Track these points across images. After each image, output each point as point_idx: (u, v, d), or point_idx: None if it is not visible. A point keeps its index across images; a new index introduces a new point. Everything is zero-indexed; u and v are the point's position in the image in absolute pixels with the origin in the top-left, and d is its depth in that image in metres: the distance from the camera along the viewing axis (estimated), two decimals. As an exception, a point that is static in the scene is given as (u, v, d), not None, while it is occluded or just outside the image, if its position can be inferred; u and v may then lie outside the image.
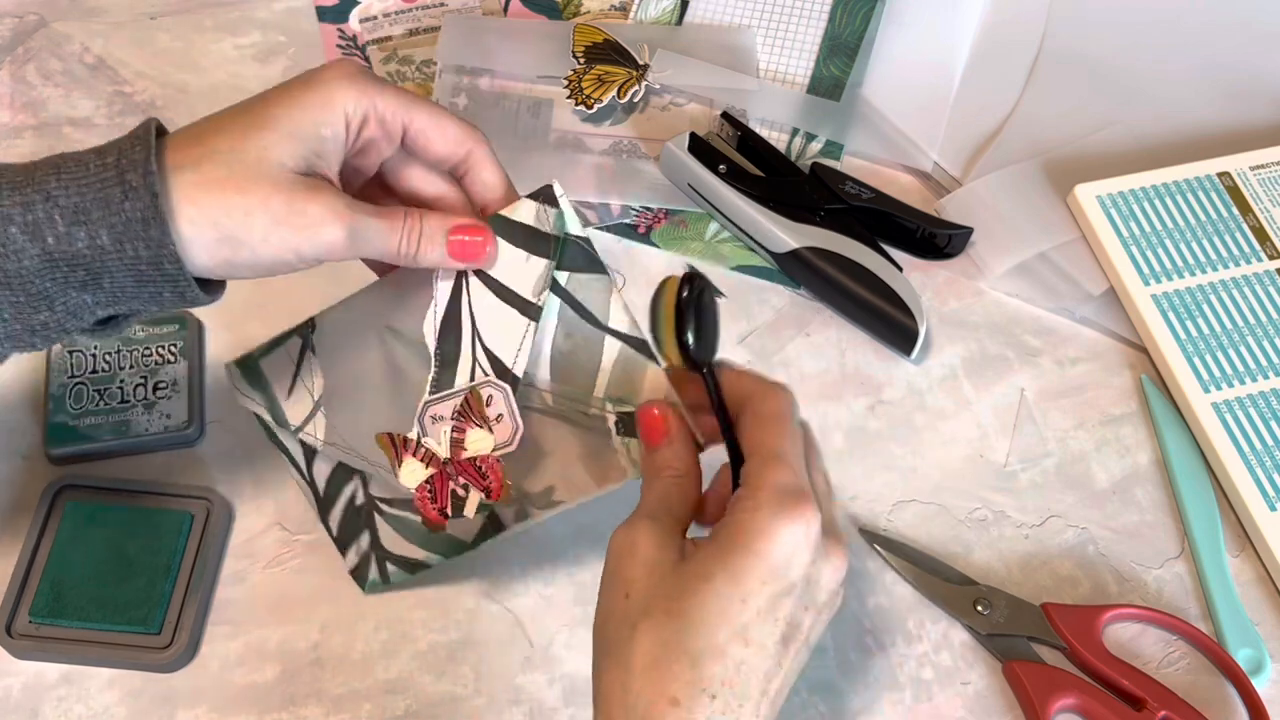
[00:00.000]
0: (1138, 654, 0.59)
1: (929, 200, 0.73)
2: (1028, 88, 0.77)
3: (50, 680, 0.56)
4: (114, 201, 0.43)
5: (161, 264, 0.44)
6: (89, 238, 0.43)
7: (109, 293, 0.45)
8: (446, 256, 0.50)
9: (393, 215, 0.48)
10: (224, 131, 0.45)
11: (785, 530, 0.41)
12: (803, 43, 0.78)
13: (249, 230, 0.44)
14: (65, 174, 0.43)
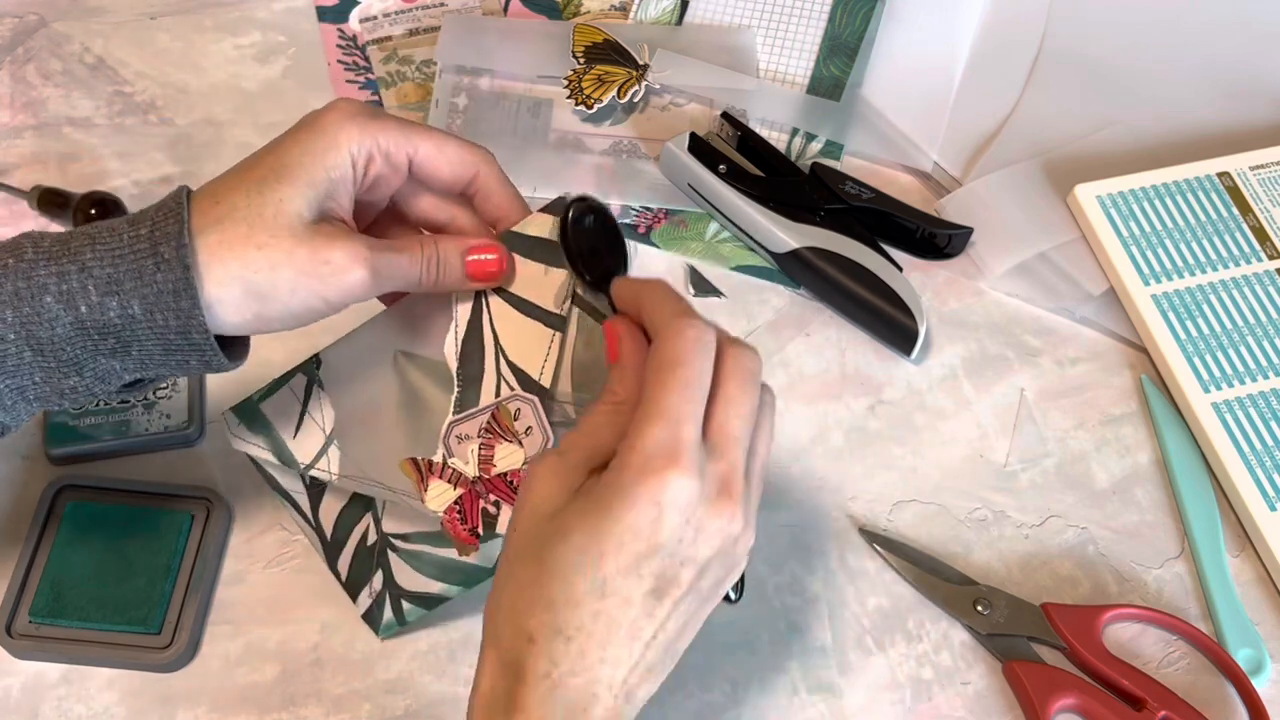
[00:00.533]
0: (1138, 654, 0.59)
1: (929, 200, 0.73)
2: (1028, 88, 0.77)
3: (50, 680, 0.56)
4: (147, 273, 0.44)
5: (190, 334, 0.45)
6: (121, 308, 0.44)
7: (137, 360, 0.46)
8: (465, 278, 0.51)
9: (410, 247, 0.49)
10: (240, 188, 0.46)
11: (645, 495, 0.40)
12: (803, 43, 0.78)
13: (275, 284, 0.45)
14: (100, 244, 0.44)
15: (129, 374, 0.46)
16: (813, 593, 0.60)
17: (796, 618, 0.59)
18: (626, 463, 0.41)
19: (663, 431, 0.41)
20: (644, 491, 0.40)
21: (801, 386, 0.66)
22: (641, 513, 0.40)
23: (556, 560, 0.41)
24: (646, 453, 0.41)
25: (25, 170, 0.71)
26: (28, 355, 0.44)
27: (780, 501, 0.62)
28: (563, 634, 0.41)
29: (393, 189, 0.51)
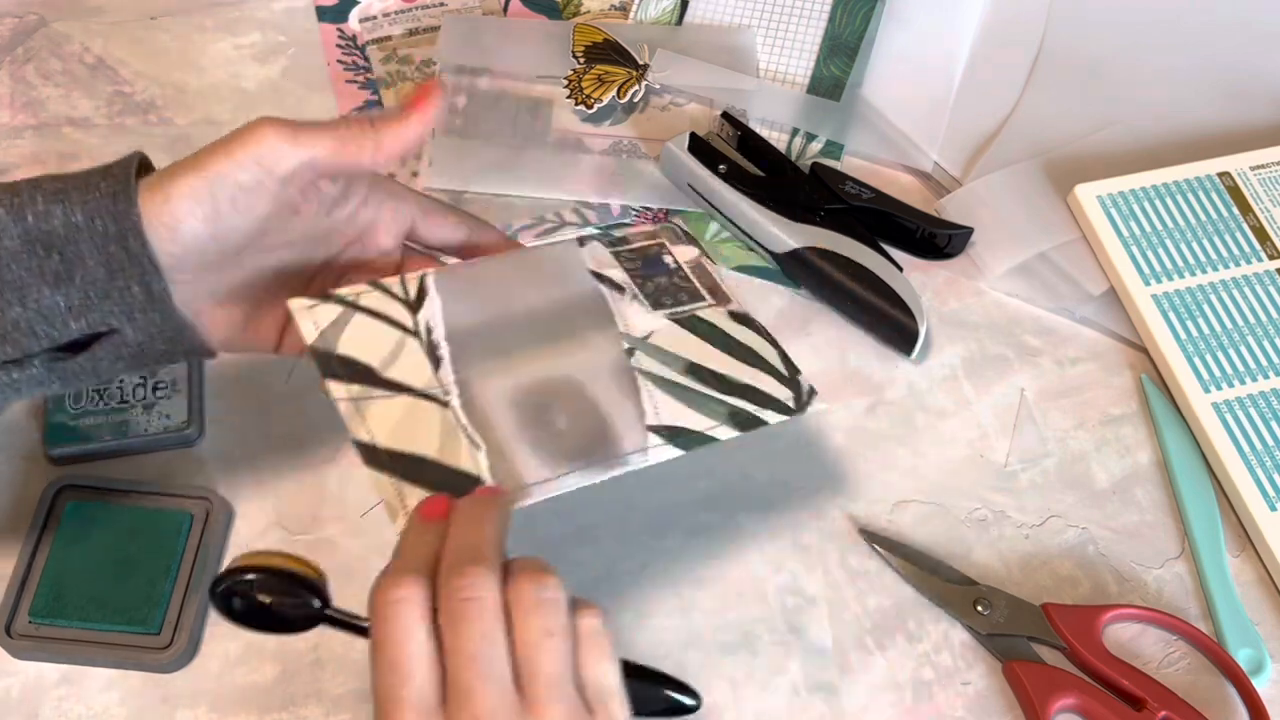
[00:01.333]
0: (1138, 654, 0.59)
1: (929, 200, 0.73)
2: (1028, 88, 0.77)
3: (50, 680, 0.56)
4: (93, 183, 0.46)
5: (126, 239, 0.45)
6: (65, 215, 0.45)
7: (80, 290, 0.46)
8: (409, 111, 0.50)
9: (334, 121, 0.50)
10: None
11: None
12: (803, 43, 0.78)
13: (202, 165, 0.46)
14: (58, 174, 0.47)
15: (73, 319, 0.46)
16: (813, 593, 0.60)
17: (796, 618, 0.59)
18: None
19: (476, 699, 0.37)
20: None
21: (801, 386, 0.66)
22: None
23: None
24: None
25: (25, 170, 0.71)
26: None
27: (780, 502, 0.62)
28: None
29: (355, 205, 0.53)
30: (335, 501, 0.61)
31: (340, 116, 0.52)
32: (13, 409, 0.62)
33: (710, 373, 0.54)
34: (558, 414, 0.51)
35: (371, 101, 0.75)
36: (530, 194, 0.71)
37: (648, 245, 0.59)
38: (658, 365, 0.53)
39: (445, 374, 0.51)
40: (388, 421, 0.50)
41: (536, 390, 0.51)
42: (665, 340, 0.54)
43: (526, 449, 0.50)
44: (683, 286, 0.57)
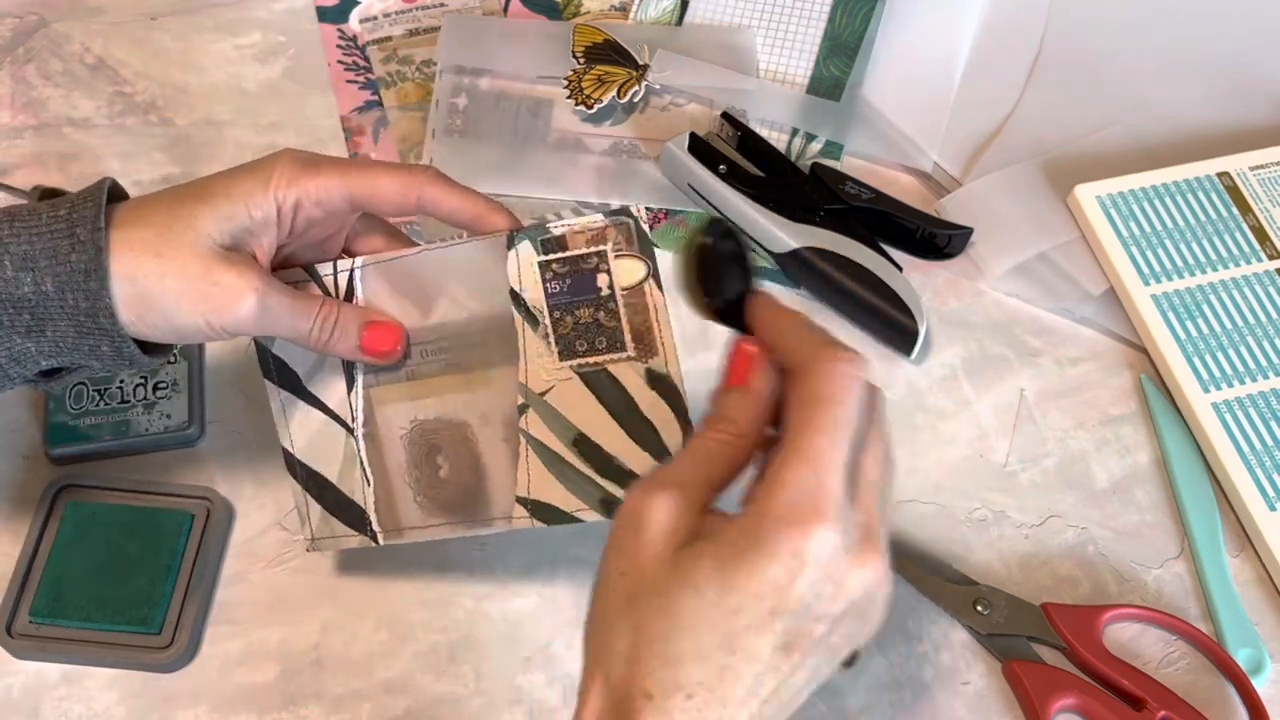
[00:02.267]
0: (1138, 654, 0.59)
1: (929, 200, 0.73)
2: (1028, 88, 0.77)
3: (50, 680, 0.56)
4: (61, 253, 0.45)
5: (98, 316, 0.46)
6: (35, 284, 0.45)
7: (51, 341, 0.46)
8: (358, 349, 0.51)
9: (309, 300, 0.50)
10: (163, 201, 0.48)
11: (786, 548, 0.38)
12: (803, 43, 0.78)
13: (162, 292, 0.46)
14: (19, 223, 0.46)
15: (44, 359, 0.47)
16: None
17: (796, 618, 0.59)
18: (766, 509, 0.38)
19: (810, 477, 0.38)
20: (785, 544, 0.38)
21: (801, 386, 0.66)
22: (781, 566, 0.38)
23: (684, 613, 0.38)
24: (790, 501, 0.38)
25: (25, 170, 0.71)
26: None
27: (780, 501, 0.62)
28: (683, 690, 0.38)
29: (342, 229, 0.53)
30: (335, 501, 0.61)
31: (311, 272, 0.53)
32: (13, 409, 0.62)
33: (595, 448, 0.51)
34: (444, 461, 0.53)
35: (372, 102, 0.75)
36: (530, 194, 0.71)
37: (585, 255, 0.50)
38: (545, 431, 0.51)
39: (355, 397, 0.54)
40: (305, 433, 0.54)
41: (430, 431, 0.53)
42: (561, 400, 0.51)
43: (410, 494, 0.53)
44: (605, 327, 0.50)
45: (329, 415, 0.54)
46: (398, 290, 0.53)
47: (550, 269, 0.51)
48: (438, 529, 0.53)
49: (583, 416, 0.51)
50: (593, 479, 0.51)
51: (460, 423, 0.53)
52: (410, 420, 0.53)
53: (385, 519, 0.54)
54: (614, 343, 0.50)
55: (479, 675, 0.57)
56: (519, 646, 0.58)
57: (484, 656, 0.58)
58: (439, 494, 0.53)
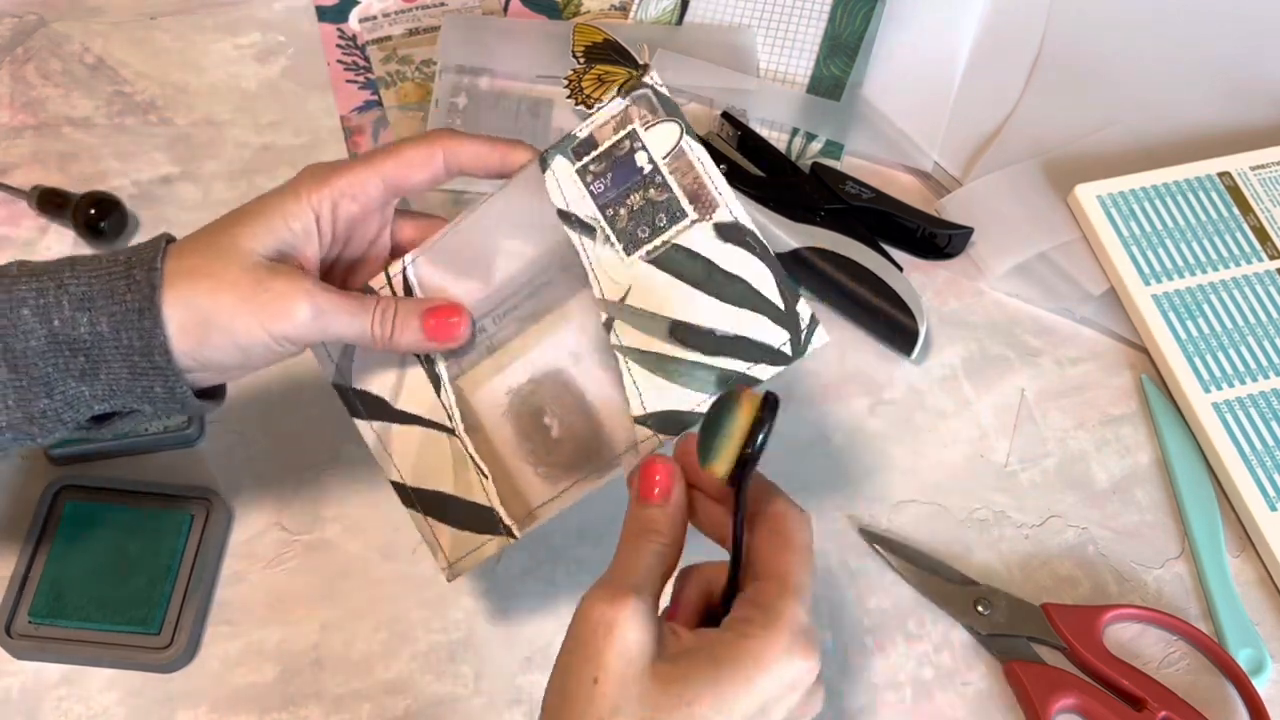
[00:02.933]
0: (1138, 654, 0.59)
1: (929, 200, 0.73)
2: (1028, 88, 0.77)
3: (50, 680, 0.56)
4: (118, 293, 0.46)
5: (152, 355, 0.46)
6: (90, 324, 0.46)
7: (105, 385, 0.47)
8: (424, 337, 0.50)
9: (364, 298, 0.50)
10: (206, 230, 0.49)
11: (790, 671, 0.41)
12: (803, 43, 0.78)
13: (217, 309, 0.46)
14: (79, 266, 0.47)
15: (98, 402, 0.47)
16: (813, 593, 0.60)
17: (796, 618, 0.59)
18: (773, 636, 0.41)
19: (803, 616, 0.42)
20: (789, 666, 0.41)
21: (802, 386, 0.66)
22: (780, 683, 0.41)
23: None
24: (795, 629, 0.41)
25: (25, 170, 0.71)
26: (3, 372, 0.45)
27: (780, 501, 0.62)
28: None
29: (374, 232, 0.52)
30: (335, 501, 0.61)
31: (369, 292, 0.52)
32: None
33: (694, 331, 0.49)
34: (551, 419, 0.51)
35: (371, 101, 0.75)
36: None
37: (617, 143, 0.50)
38: (638, 335, 0.50)
39: (446, 395, 0.52)
40: (409, 456, 0.53)
41: (528, 395, 0.51)
42: (643, 296, 0.50)
43: (529, 470, 0.51)
44: (659, 203, 0.49)
45: (426, 425, 0.53)
46: (453, 269, 0.52)
47: (589, 171, 0.50)
48: (568, 493, 0.51)
49: (669, 302, 0.49)
50: (701, 362, 0.49)
51: (554, 371, 0.51)
52: (505, 393, 0.51)
53: (513, 508, 0.51)
54: (673, 214, 0.49)
55: (479, 675, 0.57)
56: (519, 646, 0.58)
57: (484, 656, 0.58)
58: (558, 456, 0.51)
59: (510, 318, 0.51)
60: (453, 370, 0.52)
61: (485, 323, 0.52)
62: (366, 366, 0.53)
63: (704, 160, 0.49)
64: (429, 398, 0.52)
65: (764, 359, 0.49)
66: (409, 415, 0.53)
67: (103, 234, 0.68)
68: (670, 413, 0.49)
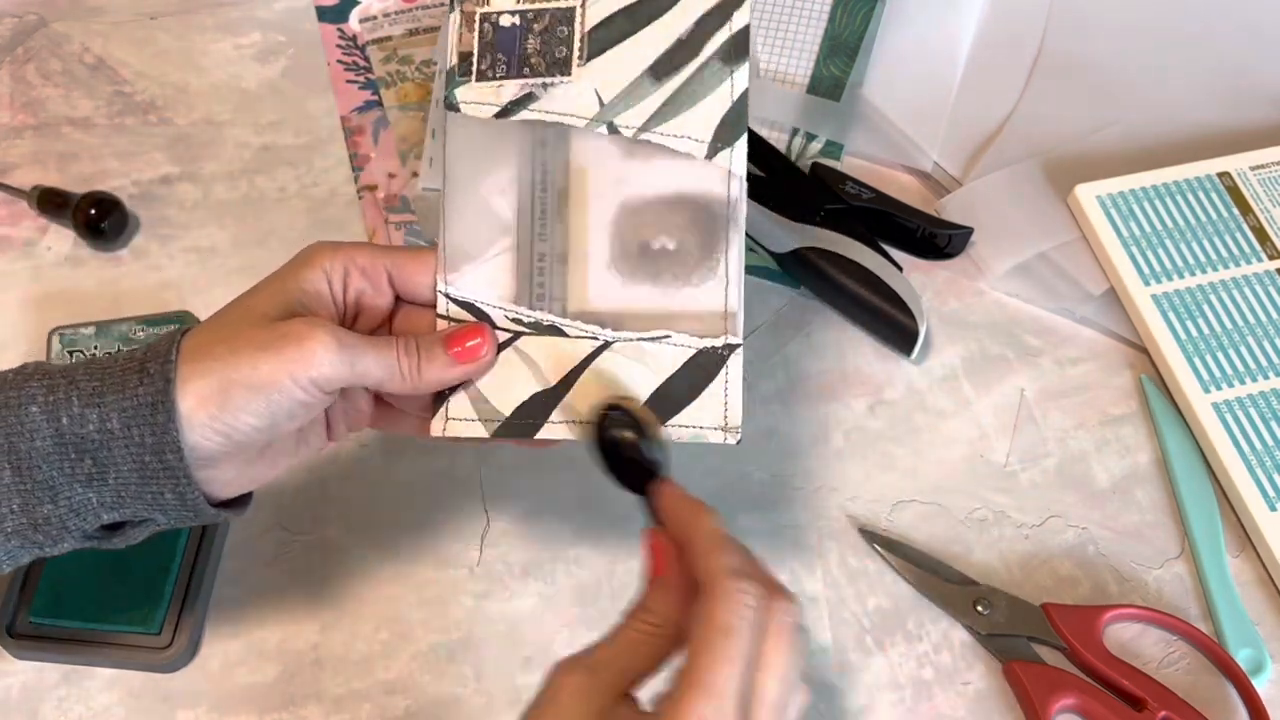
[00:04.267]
0: (1138, 654, 0.59)
1: (929, 200, 0.73)
2: (1028, 88, 0.77)
3: (50, 680, 0.56)
4: (130, 387, 0.44)
5: (164, 453, 0.44)
6: (100, 420, 0.44)
7: (113, 490, 0.45)
8: (451, 362, 0.49)
9: (383, 337, 0.48)
10: (219, 312, 0.47)
11: None
12: (803, 42, 0.78)
13: (237, 363, 0.44)
14: (95, 363, 0.45)
15: (106, 510, 0.45)
16: (813, 593, 0.60)
17: (796, 618, 0.59)
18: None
19: (710, 711, 0.39)
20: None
21: (801, 386, 0.66)
22: None
23: None
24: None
25: (25, 170, 0.71)
26: (6, 474, 0.44)
27: (780, 502, 0.62)
28: None
29: (382, 312, 0.51)
30: (335, 501, 0.61)
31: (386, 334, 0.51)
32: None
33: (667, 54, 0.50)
34: (660, 242, 0.50)
35: (371, 101, 0.75)
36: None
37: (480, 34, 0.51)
38: (639, 108, 0.50)
39: (573, 327, 0.50)
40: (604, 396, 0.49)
41: (624, 250, 0.50)
42: (611, 85, 0.50)
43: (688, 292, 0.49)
44: (548, 28, 0.51)
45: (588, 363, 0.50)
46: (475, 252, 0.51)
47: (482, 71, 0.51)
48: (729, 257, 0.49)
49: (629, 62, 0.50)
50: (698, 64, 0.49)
51: (618, 209, 0.50)
52: (609, 269, 0.50)
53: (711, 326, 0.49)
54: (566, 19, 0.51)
55: (479, 675, 0.57)
56: (519, 646, 0.58)
57: (484, 656, 0.58)
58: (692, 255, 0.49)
59: (548, 224, 0.50)
60: (557, 307, 0.50)
61: (538, 249, 0.50)
62: (499, 389, 0.51)
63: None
64: (567, 346, 0.50)
65: (731, 7, 0.49)
66: (569, 375, 0.50)
67: (103, 234, 0.68)
68: (723, 122, 0.49)
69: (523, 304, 0.51)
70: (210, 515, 0.47)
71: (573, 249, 0.50)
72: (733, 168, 0.49)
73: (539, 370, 0.51)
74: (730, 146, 0.49)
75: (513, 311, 0.51)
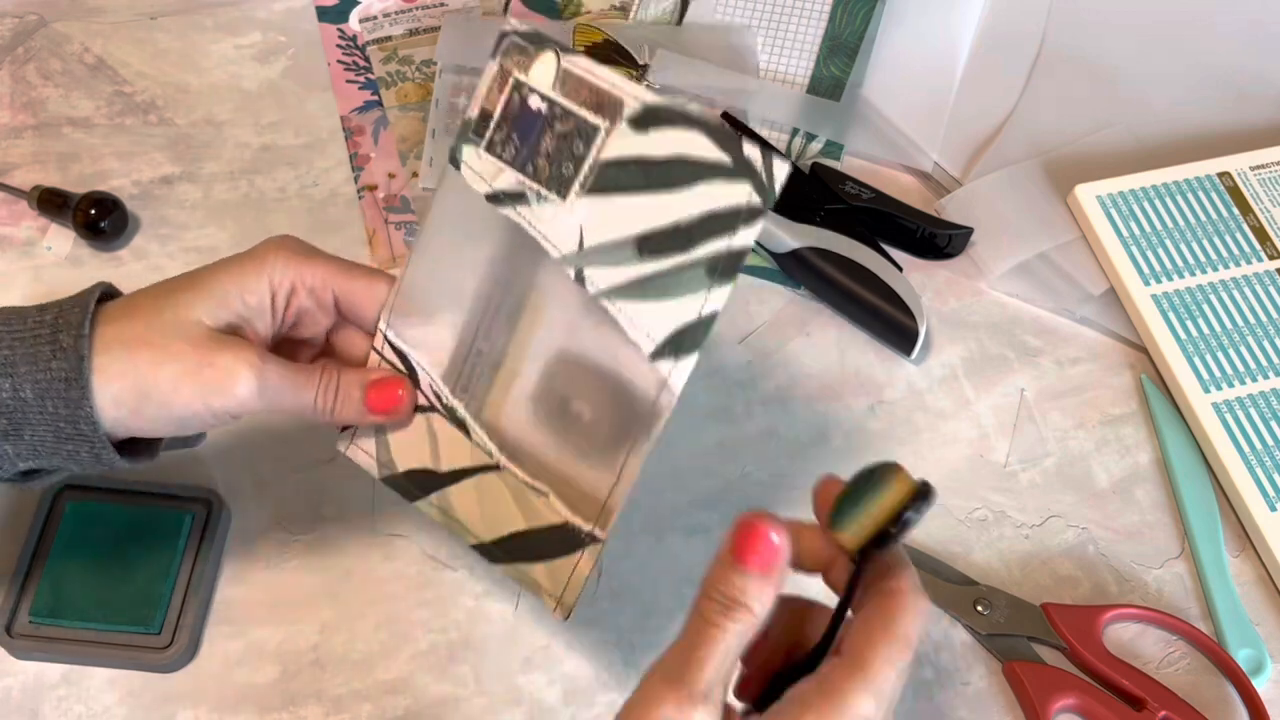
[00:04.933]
0: (1138, 654, 0.59)
1: (929, 200, 0.73)
2: (1028, 88, 0.77)
3: (50, 680, 0.56)
4: (42, 359, 0.44)
5: (78, 423, 0.45)
6: (13, 390, 0.44)
7: (29, 445, 0.46)
8: (365, 411, 0.50)
9: (308, 371, 0.49)
10: (152, 293, 0.47)
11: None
12: (803, 43, 0.78)
13: (157, 381, 0.45)
14: (3, 326, 0.45)
15: (22, 460, 0.46)
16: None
17: (796, 618, 0.59)
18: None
19: (873, 705, 0.37)
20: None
21: (801, 386, 0.66)
22: None
23: None
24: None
25: (25, 170, 0.71)
26: None
27: (780, 502, 0.62)
28: None
29: (322, 327, 0.51)
30: (335, 501, 0.61)
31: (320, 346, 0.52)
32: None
33: (660, 235, 0.45)
34: (579, 406, 0.48)
35: (371, 102, 0.75)
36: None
37: (508, 102, 0.47)
38: (610, 272, 0.46)
39: (478, 434, 0.50)
40: (474, 512, 0.51)
41: (547, 393, 0.49)
42: (597, 231, 0.46)
43: (581, 466, 0.48)
44: (568, 131, 0.46)
45: (475, 473, 0.50)
46: (425, 312, 0.50)
47: (495, 143, 0.48)
48: (627, 468, 0.46)
49: (624, 222, 0.46)
50: (682, 263, 0.44)
51: (559, 355, 0.48)
52: (527, 401, 0.49)
53: (586, 511, 0.48)
54: (586, 134, 0.46)
55: (479, 675, 0.57)
56: (519, 646, 0.58)
57: (484, 656, 0.58)
58: (601, 437, 0.47)
59: (496, 326, 0.49)
60: (472, 406, 0.50)
61: (479, 344, 0.50)
62: (401, 446, 0.52)
63: (591, 68, 0.45)
64: (465, 446, 0.51)
65: (739, 222, 0.44)
66: (457, 472, 0.51)
67: (103, 234, 0.68)
68: (680, 331, 0.45)
69: (448, 384, 0.51)
70: (123, 468, 0.48)
71: (506, 363, 0.49)
72: (670, 380, 0.45)
73: (437, 452, 0.51)
74: (675, 359, 0.45)
75: (438, 386, 0.51)
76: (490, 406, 0.50)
